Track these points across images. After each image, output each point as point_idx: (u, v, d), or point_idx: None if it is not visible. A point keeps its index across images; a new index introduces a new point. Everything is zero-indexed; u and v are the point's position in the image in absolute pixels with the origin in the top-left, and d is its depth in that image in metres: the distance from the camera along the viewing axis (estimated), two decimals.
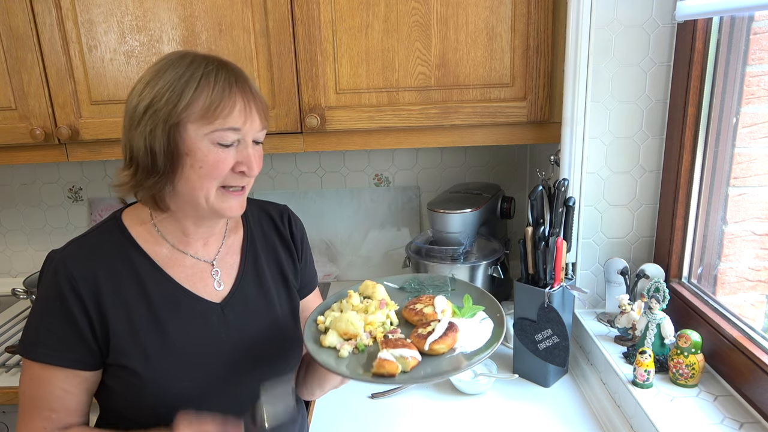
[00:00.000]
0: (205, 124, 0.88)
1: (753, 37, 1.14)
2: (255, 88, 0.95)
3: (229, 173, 0.92)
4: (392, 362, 0.87)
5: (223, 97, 0.88)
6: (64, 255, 0.93)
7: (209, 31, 1.41)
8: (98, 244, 0.97)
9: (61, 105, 1.46)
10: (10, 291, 1.71)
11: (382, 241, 1.99)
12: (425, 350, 0.92)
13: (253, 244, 1.10)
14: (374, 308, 1.01)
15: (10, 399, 1.39)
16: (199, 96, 0.88)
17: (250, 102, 0.92)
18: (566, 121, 1.34)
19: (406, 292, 1.13)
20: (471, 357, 0.91)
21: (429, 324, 0.97)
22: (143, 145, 0.89)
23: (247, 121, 0.91)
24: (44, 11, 1.40)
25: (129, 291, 0.95)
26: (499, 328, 0.97)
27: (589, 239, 1.45)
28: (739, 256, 1.23)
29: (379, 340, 0.95)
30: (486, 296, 1.09)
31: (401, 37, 1.39)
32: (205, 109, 0.88)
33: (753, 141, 1.17)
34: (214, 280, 1.03)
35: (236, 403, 1.00)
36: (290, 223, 1.16)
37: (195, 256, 1.02)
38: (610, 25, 1.30)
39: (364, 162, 1.94)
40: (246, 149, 0.93)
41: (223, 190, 0.93)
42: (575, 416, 1.24)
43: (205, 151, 0.89)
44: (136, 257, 0.97)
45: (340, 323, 0.94)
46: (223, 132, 0.89)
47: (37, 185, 2.01)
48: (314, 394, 1.17)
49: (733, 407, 1.07)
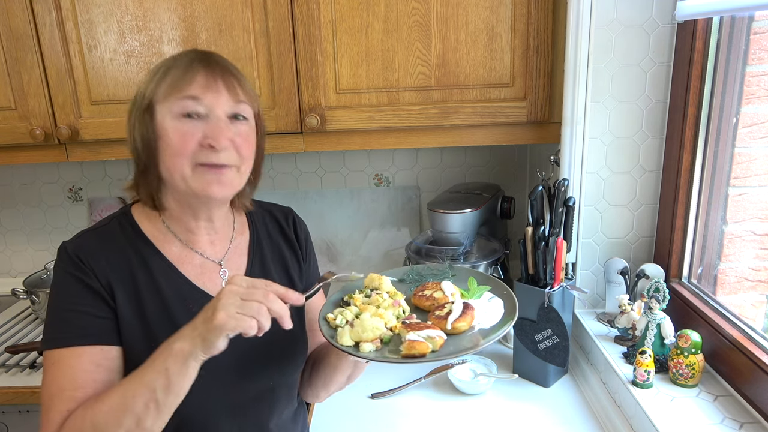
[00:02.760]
0: (167, 100, 0.90)
1: (753, 37, 1.14)
2: (229, 65, 0.95)
3: (198, 148, 0.90)
4: (422, 342, 0.88)
5: (185, 72, 0.91)
6: (76, 244, 0.94)
7: (209, 31, 1.41)
8: (110, 235, 0.98)
9: (61, 105, 1.46)
10: (10, 291, 1.71)
11: (382, 241, 1.99)
12: (447, 329, 0.93)
13: (260, 245, 1.10)
14: (388, 305, 1.00)
15: (10, 399, 1.39)
16: (164, 77, 0.91)
17: (216, 74, 0.92)
18: (566, 121, 1.34)
19: (406, 284, 1.13)
20: (492, 332, 0.93)
21: (443, 306, 0.98)
22: (131, 139, 0.95)
23: (209, 92, 0.90)
24: (44, 11, 1.39)
25: (141, 283, 0.95)
26: (511, 302, 0.99)
27: (589, 239, 1.45)
28: (739, 256, 1.23)
29: (398, 328, 0.96)
30: (488, 278, 1.10)
31: (401, 37, 1.39)
32: (168, 87, 0.90)
33: (753, 141, 1.17)
34: (222, 279, 1.03)
35: (242, 402, 1.00)
36: (295, 225, 1.17)
37: (203, 254, 1.03)
38: (610, 25, 1.30)
39: (364, 162, 1.94)
40: (215, 123, 0.91)
41: (201, 168, 0.91)
42: (575, 416, 1.24)
43: (170, 129, 0.90)
44: (148, 252, 0.97)
45: (365, 332, 0.92)
46: (182, 101, 0.90)
47: (37, 185, 2.01)
48: (318, 396, 1.17)
49: (733, 407, 1.07)
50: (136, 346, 0.93)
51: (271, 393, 1.04)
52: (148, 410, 0.80)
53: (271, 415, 1.05)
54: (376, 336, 0.92)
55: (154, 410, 0.80)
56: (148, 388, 0.80)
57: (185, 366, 0.80)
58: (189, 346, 0.80)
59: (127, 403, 0.80)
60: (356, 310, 0.99)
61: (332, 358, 1.09)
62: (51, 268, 1.86)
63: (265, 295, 0.80)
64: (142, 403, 0.80)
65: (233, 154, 0.93)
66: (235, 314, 0.78)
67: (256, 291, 0.81)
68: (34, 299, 1.70)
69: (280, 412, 1.08)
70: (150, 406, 0.80)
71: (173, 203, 0.99)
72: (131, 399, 0.80)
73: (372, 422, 1.26)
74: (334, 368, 1.09)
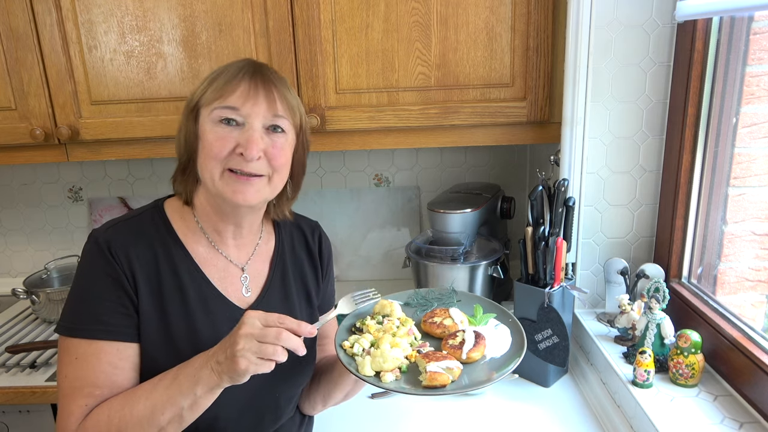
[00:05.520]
0: (210, 105, 0.93)
1: (753, 37, 1.14)
2: (275, 78, 0.97)
3: (231, 154, 0.93)
4: (443, 374, 0.90)
5: (230, 81, 0.93)
6: (108, 235, 0.94)
7: (209, 31, 1.41)
8: (141, 229, 0.98)
9: (61, 105, 1.46)
10: (10, 291, 1.71)
11: (382, 241, 1.99)
12: (463, 359, 0.96)
13: (283, 255, 1.11)
14: (403, 333, 1.02)
15: (10, 399, 1.39)
16: (212, 83, 0.95)
17: (258, 86, 0.94)
18: (566, 121, 1.34)
19: (412, 307, 1.15)
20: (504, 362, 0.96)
21: (455, 335, 1.00)
22: (177, 137, 1.00)
23: (248, 102, 0.92)
24: (44, 11, 1.40)
25: (165, 280, 0.96)
26: (519, 334, 1.02)
27: (589, 239, 1.45)
28: (739, 256, 1.23)
29: (414, 356, 0.97)
30: (492, 304, 1.12)
31: (401, 37, 1.39)
32: (213, 92, 0.94)
33: (753, 141, 1.17)
34: (243, 285, 1.04)
35: (249, 410, 1.01)
36: (320, 241, 1.17)
37: (228, 257, 1.03)
38: (610, 25, 1.30)
39: (364, 162, 1.94)
40: (250, 132, 0.93)
41: (230, 174, 0.94)
42: (575, 416, 1.24)
43: (208, 131, 0.94)
44: (176, 249, 0.98)
45: (386, 363, 0.94)
46: (221, 110, 0.93)
47: (37, 185, 2.01)
48: (315, 408, 1.18)
49: (733, 407, 1.07)
50: (154, 343, 0.94)
51: (276, 403, 1.05)
52: (172, 423, 0.87)
53: (275, 423, 1.06)
54: (396, 366, 0.94)
55: (177, 423, 0.87)
56: (176, 407, 0.86)
57: (211, 392, 0.86)
58: (217, 378, 0.84)
59: (156, 417, 0.86)
60: (371, 338, 1.00)
61: (335, 375, 1.10)
62: (51, 268, 1.87)
63: (278, 336, 0.82)
64: (168, 418, 0.86)
65: (264, 164, 0.95)
66: (254, 360, 0.82)
67: (270, 332, 0.83)
68: (34, 299, 1.70)
69: (283, 421, 1.09)
70: (175, 420, 0.87)
71: (205, 202, 1.01)
72: (160, 414, 0.86)
73: (372, 422, 1.26)
74: (335, 384, 1.11)
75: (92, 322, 0.91)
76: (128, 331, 0.92)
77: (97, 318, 0.91)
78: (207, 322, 0.97)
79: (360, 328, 1.04)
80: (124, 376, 0.92)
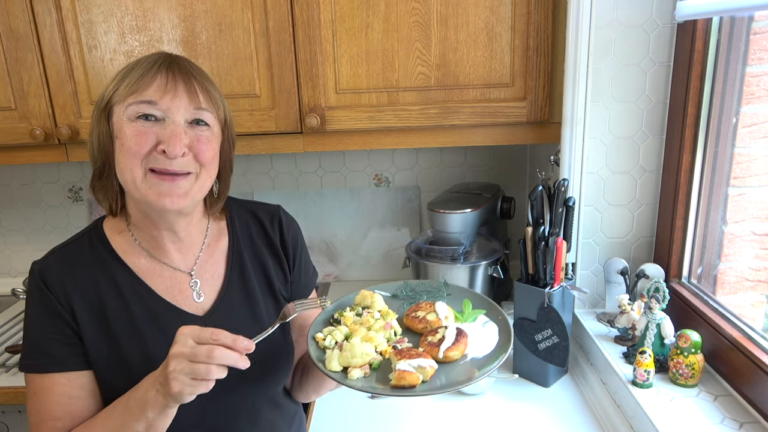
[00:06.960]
0: (125, 101, 0.88)
1: (753, 37, 1.14)
2: (194, 70, 0.92)
3: (152, 152, 0.87)
4: (413, 373, 0.84)
5: (145, 74, 0.88)
6: (42, 266, 0.93)
7: (209, 31, 1.41)
8: (78, 254, 0.95)
9: (61, 105, 1.46)
10: (10, 291, 1.71)
11: (382, 241, 1.99)
12: (439, 358, 0.90)
13: (239, 251, 1.05)
14: (379, 327, 0.96)
15: (10, 399, 1.39)
16: (125, 78, 0.89)
17: (177, 78, 0.89)
18: (566, 121, 1.34)
19: (399, 300, 1.10)
20: (485, 364, 0.89)
21: (436, 331, 0.94)
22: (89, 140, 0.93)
23: (167, 95, 0.87)
24: (44, 12, 1.40)
25: (109, 303, 0.93)
26: (506, 334, 0.95)
27: (589, 239, 1.45)
28: (739, 256, 1.23)
29: (388, 352, 0.92)
30: (483, 299, 1.08)
31: (401, 37, 1.39)
32: (126, 88, 0.88)
33: (753, 141, 1.17)
34: (193, 291, 0.99)
35: (220, 420, 0.98)
36: (281, 227, 1.10)
37: (172, 265, 0.99)
38: (610, 25, 1.30)
39: (364, 162, 1.94)
40: (172, 127, 0.87)
41: (153, 175, 0.88)
42: (575, 416, 1.24)
43: (125, 129, 0.87)
44: (117, 269, 0.95)
45: (355, 358, 0.88)
46: (137, 105, 0.87)
47: (37, 185, 2.01)
48: (309, 397, 1.16)
49: (733, 407, 1.07)
50: (106, 367, 0.92)
51: (252, 408, 1.02)
52: None
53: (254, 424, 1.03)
54: (365, 362, 0.89)
55: None
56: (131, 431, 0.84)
57: (164, 413, 0.83)
58: (163, 399, 0.81)
59: None
60: (346, 330, 0.95)
61: None
62: None
63: (209, 354, 0.77)
64: None
65: (190, 160, 0.90)
66: (188, 381, 0.77)
67: (201, 350, 0.77)
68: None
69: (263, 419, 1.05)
70: None
71: (134, 211, 0.96)
72: None
73: (372, 422, 1.26)
74: (322, 378, 1.07)
75: (41, 355, 0.90)
76: (76, 360, 0.91)
77: (43, 351, 0.90)
78: (160, 338, 0.92)
79: (338, 320, 0.99)
80: (82, 405, 0.91)
